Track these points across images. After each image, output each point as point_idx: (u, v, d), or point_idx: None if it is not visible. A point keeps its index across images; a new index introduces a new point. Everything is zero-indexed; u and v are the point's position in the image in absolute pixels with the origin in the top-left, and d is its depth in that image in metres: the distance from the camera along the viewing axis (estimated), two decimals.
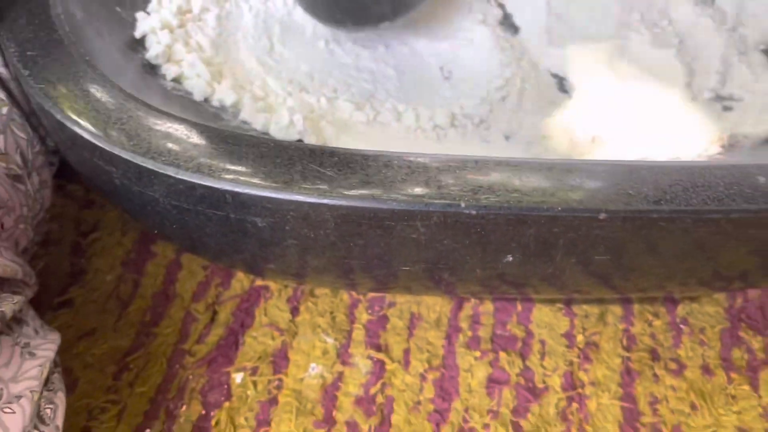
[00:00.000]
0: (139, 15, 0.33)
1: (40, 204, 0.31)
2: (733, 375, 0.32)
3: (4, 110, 0.28)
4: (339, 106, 0.35)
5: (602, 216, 0.24)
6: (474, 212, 0.24)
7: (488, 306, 0.35)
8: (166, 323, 0.34)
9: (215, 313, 0.34)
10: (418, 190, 0.24)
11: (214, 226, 0.25)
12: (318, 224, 0.24)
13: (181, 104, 0.31)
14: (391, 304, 0.35)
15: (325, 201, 0.24)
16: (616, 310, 0.35)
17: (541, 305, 0.35)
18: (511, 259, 0.26)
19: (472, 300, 0.35)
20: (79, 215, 0.37)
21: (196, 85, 0.32)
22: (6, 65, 0.28)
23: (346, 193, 0.24)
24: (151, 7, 0.34)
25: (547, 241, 0.25)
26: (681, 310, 0.35)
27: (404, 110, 0.35)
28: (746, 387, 0.32)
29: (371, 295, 0.35)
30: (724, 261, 0.27)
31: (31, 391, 0.23)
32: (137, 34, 0.33)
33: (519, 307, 0.35)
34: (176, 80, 0.32)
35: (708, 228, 0.24)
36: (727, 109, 0.35)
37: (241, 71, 0.34)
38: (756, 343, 0.34)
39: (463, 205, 0.23)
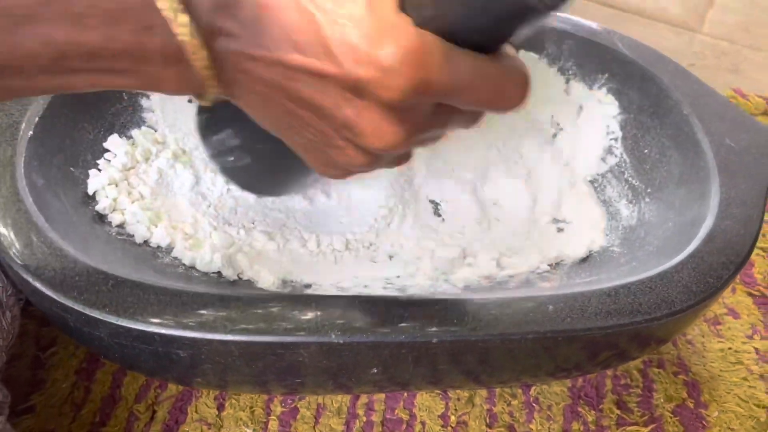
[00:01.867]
0: (92, 172, 0.41)
1: (12, 334, 0.38)
2: None
3: None
4: (255, 236, 0.43)
5: (435, 341, 0.32)
6: (342, 341, 0.32)
7: (381, 395, 0.43)
8: (113, 423, 0.41)
9: (154, 412, 0.41)
10: (300, 326, 0.32)
11: (147, 356, 0.33)
12: (226, 354, 0.32)
13: (123, 247, 0.39)
14: (302, 397, 0.43)
15: (229, 338, 0.32)
16: (483, 393, 0.44)
17: (423, 392, 0.43)
18: (375, 371, 0.34)
19: None
20: (39, 332, 0.44)
21: (137, 230, 0.40)
22: None
23: (246, 330, 0.32)
24: (101, 164, 0.42)
25: (399, 358, 0.33)
26: (533, 391, 0.44)
27: (309, 237, 0.44)
28: None
29: None
30: (542, 364, 0.36)
31: None
32: (89, 191, 0.41)
33: (405, 395, 0.43)
34: (120, 226, 0.40)
35: (512, 345, 0.33)
36: (560, 230, 0.44)
37: (176, 212, 0.42)
38: (590, 416, 0.42)
39: (333, 336, 0.32)
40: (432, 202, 0.47)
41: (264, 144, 0.37)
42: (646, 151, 0.45)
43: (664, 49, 0.71)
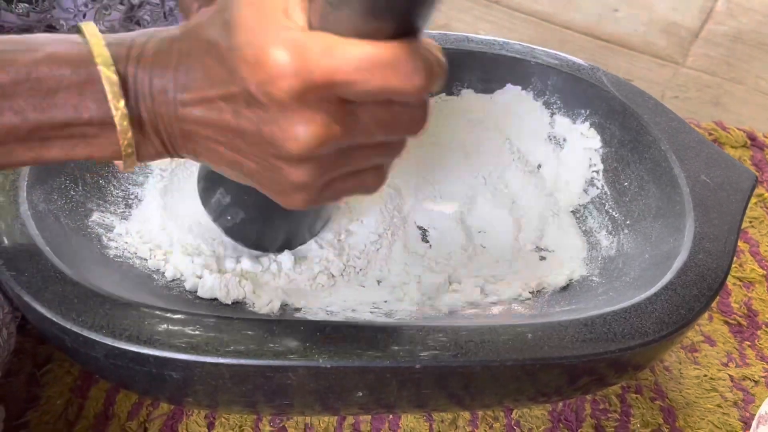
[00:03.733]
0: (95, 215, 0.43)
1: (7, 350, 0.39)
2: None
3: None
4: (252, 261, 0.44)
5: (418, 366, 0.34)
6: (329, 366, 0.33)
7: (367, 417, 0.44)
8: None
9: (146, 429, 0.43)
10: (289, 350, 0.33)
11: (142, 377, 0.34)
12: (217, 376, 0.34)
13: (121, 269, 0.41)
14: (290, 417, 0.44)
15: (220, 360, 0.33)
16: (466, 415, 0.45)
17: (407, 414, 0.44)
18: (361, 394, 0.35)
19: None
20: (36, 350, 0.45)
21: (166, 269, 0.41)
22: None
23: (236, 354, 0.33)
24: (102, 207, 0.44)
25: (384, 382, 0.35)
26: (515, 414, 0.45)
27: (303, 262, 0.45)
28: None
29: None
30: (523, 389, 0.37)
31: None
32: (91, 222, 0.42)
33: (391, 417, 0.44)
34: (121, 257, 0.42)
35: (492, 371, 0.34)
36: (542, 258, 0.46)
37: (181, 244, 0.44)
38: None
39: (320, 361, 0.33)
40: (420, 228, 0.49)
41: (249, 194, 0.39)
42: (626, 184, 0.47)
43: (649, 81, 0.74)
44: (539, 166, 0.50)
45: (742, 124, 0.66)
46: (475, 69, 0.51)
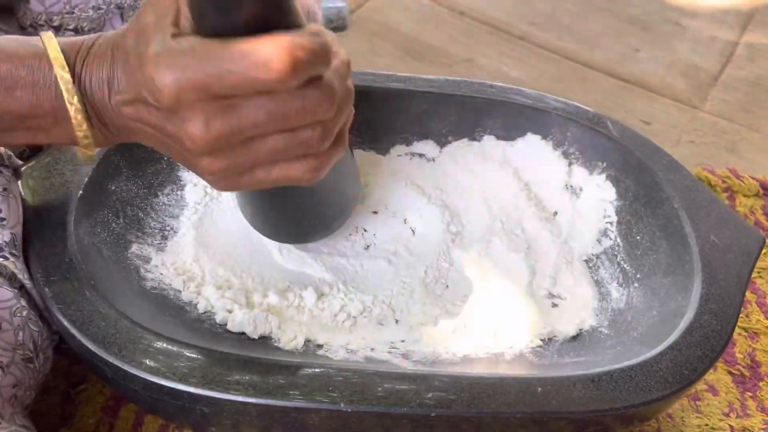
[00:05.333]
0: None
1: (42, 373, 0.41)
2: None
3: (24, 313, 0.40)
4: (280, 297, 0.46)
5: (433, 414, 0.36)
6: (349, 410, 0.36)
7: None
8: None
9: None
10: (312, 393, 0.36)
11: (174, 409, 0.37)
12: (245, 413, 0.36)
13: (156, 301, 0.43)
14: None
15: (249, 400, 0.35)
16: None
17: None
18: None
19: None
20: (70, 369, 0.48)
21: (198, 302, 0.44)
22: (31, 278, 0.40)
23: (263, 394, 0.35)
24: (141, 239, 0.46)
25: (400, 427, 0.37)
26: None
27: (326, 300, 0.47)
28: None
29: None
30: None
31: None
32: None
33: None
34: (157, 288, 0.44)
35: (502, 422, 0.37)
36: (554, 305, 0.48)
37: (213, 276, 0.46)
38: None
39: (342, 405, 0.36)
40: (439, 268, 0.51)
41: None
42: (638, 237, 0.48)
43: (666, 124, 0.75)
44: (555, 214, 0.52)
45: (756, 173, 0.68)
46: (497, 117, 0.54)
